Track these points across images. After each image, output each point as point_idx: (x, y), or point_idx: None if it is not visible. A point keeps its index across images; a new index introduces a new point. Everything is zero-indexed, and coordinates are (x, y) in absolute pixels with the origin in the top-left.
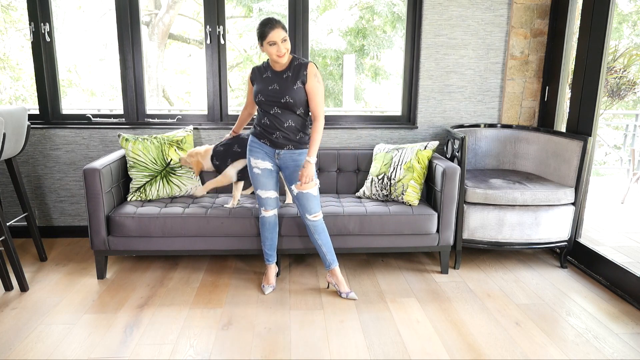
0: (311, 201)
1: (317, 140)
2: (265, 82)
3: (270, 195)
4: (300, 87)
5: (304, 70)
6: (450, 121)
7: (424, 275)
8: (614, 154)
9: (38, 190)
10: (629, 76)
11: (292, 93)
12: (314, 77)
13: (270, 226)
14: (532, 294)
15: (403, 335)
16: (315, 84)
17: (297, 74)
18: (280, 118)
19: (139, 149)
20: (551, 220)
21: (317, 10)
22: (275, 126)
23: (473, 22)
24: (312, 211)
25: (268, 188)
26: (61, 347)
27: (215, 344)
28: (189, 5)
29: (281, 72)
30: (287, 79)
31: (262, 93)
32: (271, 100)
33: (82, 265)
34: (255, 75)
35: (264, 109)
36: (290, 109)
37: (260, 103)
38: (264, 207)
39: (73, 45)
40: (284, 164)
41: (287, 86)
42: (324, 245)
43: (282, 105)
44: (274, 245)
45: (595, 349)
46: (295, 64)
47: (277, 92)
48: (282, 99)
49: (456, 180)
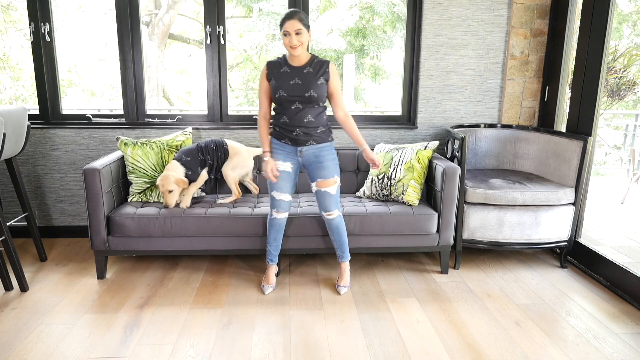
0: (328, 199)
1: (358, 132)
2: (284, 77)
3: (284, 198)
4: (323, 84)
5: (326, 67)
6: (450, 121)
7: (424, 275)
8: (614, 154)
9: (38, 190)
10: (629, 76)
11: (316, 88)
12: (336, 74)
13: (280, 228)
14: (532, 294)
15: (403, 335)
16: (338, 81)
17: (319, 70)
18: (300, 114)
19: (138, 155)
20: (551, 220)
21: (317, 10)
22: (295, 123)
23: (473, 22)
24: (327, 209)
25: (284, 190)
26: (61, 347)
27: (216, 344)
28: (189, 5)
29: (301, 67)
30: (308, 74)
31: (284, 88)
32: (294, 95)
33: (82, 265)
34: (271, 70)
35: (283, 105)
36: (312, 104)
37: (281, 99)
38: (275, 209)
39: (73, 45)
40: (307, 160)
41: (310, 81)
42: (335, 241)
43: (305, 99)
44: (279, 247)
45: (595, 349)
46: (316, 61)
47: (300, 87)
48: (307, 92)
49: (456, 180)
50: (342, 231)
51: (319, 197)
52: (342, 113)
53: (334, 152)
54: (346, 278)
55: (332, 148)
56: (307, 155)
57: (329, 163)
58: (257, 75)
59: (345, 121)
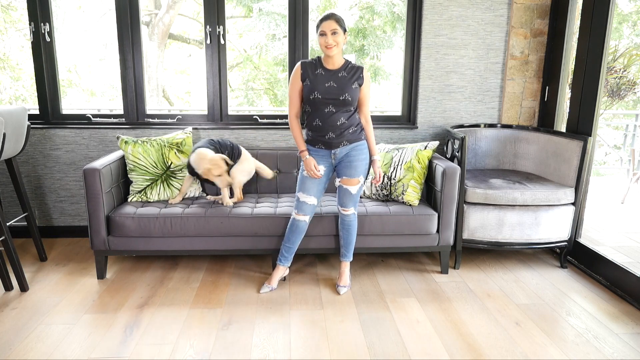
0: (347, 197)
1: (374, 141)
2: (320, 79)
3: (308, 201)
4: (357, 88)
5: (360, 73)
6: (450, 121)
7: (424, 275)
8: (614, 154)
9: (38, 190)
10: (629, 76)
11: (350, 91)
12: (369, 81)
13: (298, 230)
14: (532, 294)
15: (403, 335)
16: (369, 88)
17: (354, 75)
18: (333, 117)
19: (139, 152)
20: (551, 220)
21: (317, 10)
22: (328, 127)
23: (473, 22)
24: (345, 205)
25: (310, 193)
26: (61, 347)
27: (215, 344)
28: (189, 5)
29: (336, 70)
30: (343, 78)
31: (319, 90)
32: (328, 98)
33: (82, 265)
34: (305, 70)
35: (316, 107)
36: (345, 107)
37: (315, 101)
38: (297, 210)
39: (73, 45)
40: (339, 158)
41: (345, 84)
42: (343, 239)
43: (339, 102)
44: (293, 249)
45: (595, 349)
46: (350, 66)
47: (335, 90)
48: (342, 96)
49: (456, 180)
50: (352, 230)
51: (340, 192)
52: (364, 119)
53: (365, 152)
54: (345, 278)
55: (364, 147)
56: (341, 155)
57: (358, 163)
58: (257, 75)
59: (365, 127)
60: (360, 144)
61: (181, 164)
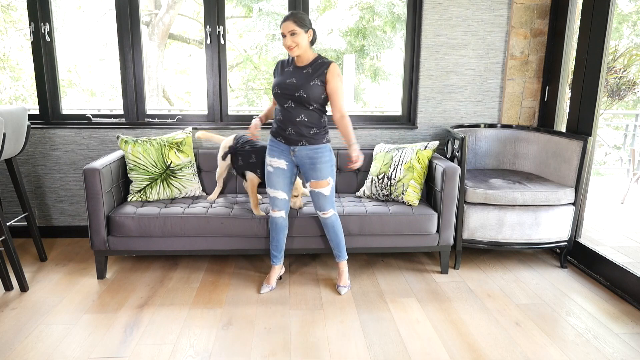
0: (322, 200)
1: (350, 132)
2: (284, 75)
3: (277, 195)
4: (318, 85)
5: (324, 68)
6: (450, 121)
7: (424, 275)
8: (614, 154)
9: (38, 190)
10: (629, 76)
11: (306, 88)
12: (337, 77)
13: (278, 227)
14: (532, 294)
15: (403, 335)
16: (338, 83)
17: (317, 72)
18: (293, 112)
19: (138, 152)
20: (551, 220)
21: (317, 11)
22: (287, 121)
23: (473, 22)
24: (322, 208)
25: (277, 187)
26: (61, 347)
27: (216, 344)
28: (189, 5)
29: (302, 67)
30: (306, 74)
31: (279, 86)
32: (286, 94)
33: (82, 265)
34: (277, 67)
35: (279, 103)
36: (303, 104)
37: (276, 95)
38: (272, 207)
39: (73, 45)
40: (300, 161)
41: (303, 81)
42: (331, 241)
43: (295, 99)
44: (280, 247)
45: (595, 349)
46: (319, 62)
47: (292, 86)
48: (297, 92)
49: (456, 180)
50: (338, 230)
51: (313, 197)
52: (339, 115)
53: (328, 154)
54: (345, 278)
55: (326, 150)
56: (301, 156)
57: (322, 165)
58: (257, 75)
59: (340, 122)
60: (321, 148)
61: (181, 163)
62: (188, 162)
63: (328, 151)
